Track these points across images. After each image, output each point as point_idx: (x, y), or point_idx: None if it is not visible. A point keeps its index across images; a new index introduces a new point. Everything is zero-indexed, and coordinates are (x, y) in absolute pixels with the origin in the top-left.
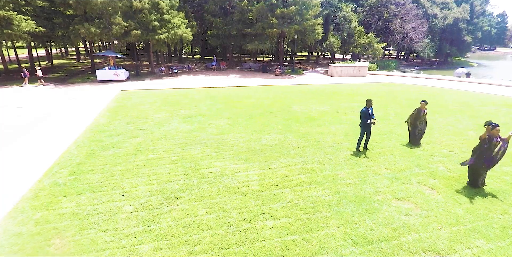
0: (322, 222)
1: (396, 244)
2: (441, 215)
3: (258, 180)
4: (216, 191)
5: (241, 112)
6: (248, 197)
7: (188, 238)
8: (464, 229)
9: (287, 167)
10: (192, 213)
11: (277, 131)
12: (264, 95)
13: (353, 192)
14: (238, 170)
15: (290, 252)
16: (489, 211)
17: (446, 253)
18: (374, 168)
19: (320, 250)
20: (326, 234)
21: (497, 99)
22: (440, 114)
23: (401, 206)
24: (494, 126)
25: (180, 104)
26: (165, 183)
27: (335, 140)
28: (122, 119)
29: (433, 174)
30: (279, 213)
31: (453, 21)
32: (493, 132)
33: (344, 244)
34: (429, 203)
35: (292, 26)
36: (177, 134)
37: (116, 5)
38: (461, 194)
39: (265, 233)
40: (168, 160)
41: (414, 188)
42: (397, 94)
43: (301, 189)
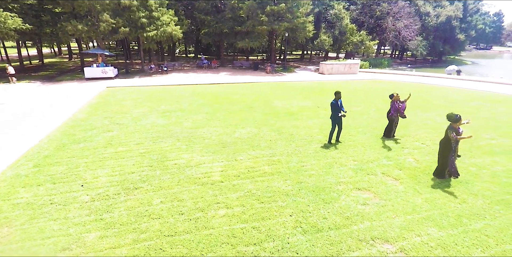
0: (276, 211)
1: (346, 232)
2: (398, 204)
3: (221, 171)
4: (176, 181)
5: (221, 108)
6: (206, 187)
7: (136, 226)
8: (419, 217)
9: (254, 159)
10: (146, 203)
11: (252, 125)
12: (250, 92)
13: (314, 183)
14: (203, 161)
15: (235, 239)
16: (448, 200)
17: (395, 240)
18: (342, 159)
19: (267, 237)
20: (277, 222)
21: (484, 96)
22: (421, 109)
23: (360, 196)
24: (458, 119)
25: (162, 100)
26: (127, 174)
27: (308, 133)
28: (100, 115)
29: (400, 165)
30: (234, 202)
31: (446, 19)
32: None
33: (292, 232)
34: (389, 192)
35: (282, 24)
36: (152, 128)
37: (103, 3)
38: (423, 184)
39: (215, 221)
40: (136, 153)
41: (378, 178)
42: (384, 90)
43: (262, 179)
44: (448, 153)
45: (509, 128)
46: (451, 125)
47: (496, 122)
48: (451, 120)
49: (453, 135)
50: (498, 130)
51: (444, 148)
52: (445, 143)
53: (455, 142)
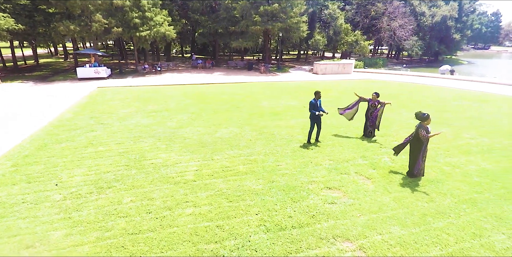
0: (243, 209)
1: (309, 230)
2: (366, 203)
3: (196, 170)
4: (150, 180)
5: (208, 108)
6: (178, 186)
7: (102, 225)
8: (384, 216)
9: (230, 158)
10: (116, 202)
11: (235, 125)
12: (239, 92)
13: (286, 182)
14: (180, 161)
15: (197, 237)
16: (416, 199)
17: (355, 239)
18: (318, 159)
19: (229, 236)
20: (241, 221)
21: (474, 95)
22: (406, 109)
23: (330, 195)
24: (426, 118)
25: (151, 100)
26: (103, 174)
27: (289, 133)
28: (87, 114)
29: (375, 165)
30: (203, 201)
31: (441, 19)
32: (427, 123)
33: (255, 231)
34: (358, 192)
35: (276, 24)
36: (135, 128)
37: (96, 3)
38: (394, 183)
39: (181, 220)
40: (115, 152)
41: (350, 177)
42: (375, 90)
43: (235, 178)
44: (418, 152)
45: (491, 128)
46: (421, 124)
47: (479, 122)
48: (420, 119)
49: (424, 134)
50: (479, 130)
51: (415, 147)
52: (416, 142)
53: (426, 140)
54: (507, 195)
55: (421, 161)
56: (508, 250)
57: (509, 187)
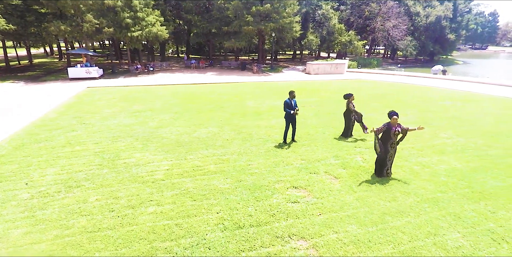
0: (205, 208)
1: (266, 229)
2: (328, 202)
3: (167, 169)
4: (119, 180)
5: (192, 107)
6: (146, 185)
7: (63, 223)
8: (343, 215)
9: (204, 158)
10: (82, 200)
11: (216, 125)
12: (228, 92)
13: (254, 181)
14: (153, 160)
15: (154, 235)
16: (379, 199)
17: (311, 237)
18: (290, 158)
19: (186, 234)
20: (201, 219)
21: (460, 95)
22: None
23: (294, 194)
24: (391, 116)
25: (137, 100)
26: (74, 173)
27: (268, 133)
28: (71, 114)
29: (346, 164)
30: (167, 200)
31: (436, 19)
32: (392, 122)
33: (213, 229)
34: (324, 191)
35: (268, 24)
36: (116, 128)
37: (87, 3)
38: (361, 183)
39: (141, 218)
40: (91, 152)
41: (318, 177)
42: (364, 90)
43: (203, 178)
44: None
45: (470, 127)
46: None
47: (459, 122)
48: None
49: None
50: (458, 129)
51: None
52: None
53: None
54: (470, 194)
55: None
56: (460, 249)
57: (474, 186)
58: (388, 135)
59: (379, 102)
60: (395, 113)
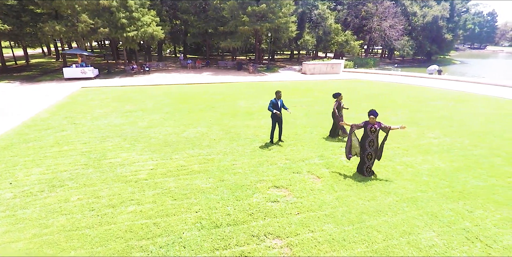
0: (185, 207)
1: (243, 228)
2: (308, 202)
3: (151, 169)
4: (103, 179)
5: (184, 108)
6: (128, 185)
7: (42, 222)
8: (321, 214)
9: (189, 158)
10: (64, 200)
11: (205, 125)
12: (221, 91)
13: (236, 181)
14: (138, 160)
15: (131, 234)
16: (358, 198)
17: (286, 236)
18: (275, 158)
19: (163, 232)
20: (179, 218)
21: (454, 95)
22: (381, 109)
23: (275, 193)
24: (369, 115)
25: (130, 100)
26: (59, 172)
27: (256, 133)
28: (62, 114)
29: (329, 164)
30: (148, 199)
31: (432, 19)
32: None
33: (190, 228)
34: (304, 190)
35: (264, 24)
36: (105, 128)
37: (82, 3)
38: (342, 182)
39: (120, 217)
40: (78, 151)
41: (301, 176)
42: (358, 90)
43: (186, 177)
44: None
45: (458, 127)
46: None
47: (448, 122)
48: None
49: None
50: (446, 129)
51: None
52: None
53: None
54: (450, 193)
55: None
56: (432, 248)
57: (454, 186)
58: (365, 133)
59: (371, 102)
60: (372, 113)
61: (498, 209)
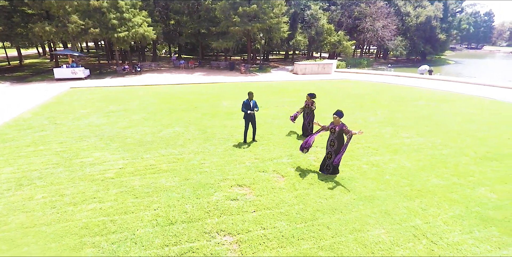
0: (144, 205)
1: (197, 225)
2: (266, 200)
3: (120, 168)
4: (70, 178)
5: (167, 108)
6: (94, 184)
7: (2, 219)
8: (277, 212)
9: (160, 157)
10: (28, 198)
11: (183, 124)
12: (207, 92)
13: (200, 179)
14: (110, 159)
15: (86, 230)
16: (317, 196)
17: (237, 233)
18: (244, 157)
19: (118, 229)
20: (137, 216)
21: (438, 95)
22: (361, 109)
23: (236, 192)
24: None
25: (115, 100)
26: (29, 172)
27: (231, 132)
28: (45, 115)
29: (297, 163)
30: (110, 197)
31: (426, 19)
32: (334, 120)
33: (145, 225)
34: (266, 189)
35: (255, 25)
36: (85, 128)
37: (72, 4)
38: (305, 181)
39: (79, 215)
40: (52, 151)
41: (266, 175)
42: (344, 90)
43: (152, 176)
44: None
45: (433, 127)
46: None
47: (426, 122)
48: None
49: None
50: (421, 129)
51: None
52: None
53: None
54: (408, 192)
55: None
56: (378, 244)
57: (414, 185)
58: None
59: (354, 102)
60: (337, 114)
61: (452, 207)
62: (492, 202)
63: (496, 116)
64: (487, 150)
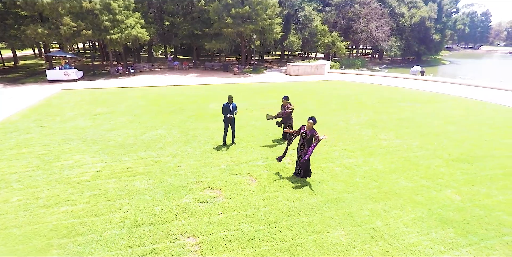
0: (115, 208)
1: (163, 227)
2: (235, 202)
3: (97, 171)
4: (48, 181)
5: (153, 110)
6: (70, 186)
7: None
8: (243, 214)
9: (138, 160)
10: (3, 201)
11: (167, 127)
12: (197, 93)
13: (174, 182)
14: (89, 162)
15: (55, 232)
16: (285, 199)
17: (201, 234)
18: (220, 160)
19: (86, 231)
20: (106, 218)
21: (425, 96)
22: (345, 111)
23: (207, 194)
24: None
25: (104, 102)
26: (8, 174)
27: (212, 135)
28: (33, 117)
29: (271, 166)
30: (83, 200)
31: (420, 20)
32: (307, 125)
33: (112, 227)
34: (237, 191)
35: (248, 26)
36: (70, 130)
37: (65, 6)
38: (275, 184)
39: (50, 217)
40: (34, 154)
41: (238, 178)
42: (333, 91)
43: (128, 179)
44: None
45: (414, 129)
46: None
47: (407, 123)
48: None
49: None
50: (400, 131)
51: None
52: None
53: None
54: (375, 194)
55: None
56: (335, 246)
57: (383, 187)
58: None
59: (339, 104)
60: (311, 119)
61: (414, 209)
62: (455, 204)
63: (478, 117)
64: (462, 151)
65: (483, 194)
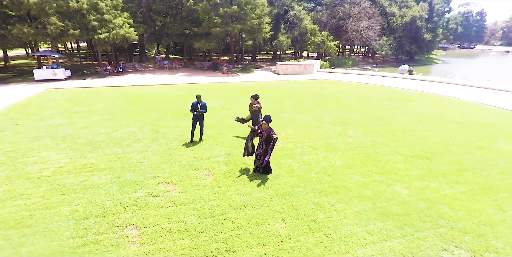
0: (68, 201)
1: (109, 219)
2: (186, 196)
3: (60, 167)
4: (9, 176)
5: (131, 109)
6: (28, 181)
7: None
8: (190, 207)
9: (102, 156)
10: None
11: (139, 125)
12: (178, 93)
13: (131, 177)
14: (53, 158)
15: (3, 224)
16: (236, 193)
17: (144, 226)
18: (183, 156)
19: (33, 223)
20: (57, 211)
21: (406, 95)
22: (320, 109)
23: (161, 189)
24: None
25: (84, 101)
26: None
27: (181, 132)
28: (10, 116)
29: (231, 162)
30: (38, 194)
31: (411, 19)
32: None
33: (60, 219)
34: (191, 186)
35: (236, 26)
36: (44, 128)
37: (51, 5)
38: (230, 179)
39: (1, 211)
40: (2, 151)
41: (196, 173)
42: (315, 90)
43: (87, 174)
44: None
45: (383, 127)
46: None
47: (377, 121)
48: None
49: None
50: (369, 128)
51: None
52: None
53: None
54: (326, 189)
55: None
56: (271, 237)
57: (335, 182)
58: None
59: (316, 102)
60: (265, 119)
61: (360, 202)
62: (401, 198)
63: (452, 116)
64: (423, 148)
65: (431, 189)
